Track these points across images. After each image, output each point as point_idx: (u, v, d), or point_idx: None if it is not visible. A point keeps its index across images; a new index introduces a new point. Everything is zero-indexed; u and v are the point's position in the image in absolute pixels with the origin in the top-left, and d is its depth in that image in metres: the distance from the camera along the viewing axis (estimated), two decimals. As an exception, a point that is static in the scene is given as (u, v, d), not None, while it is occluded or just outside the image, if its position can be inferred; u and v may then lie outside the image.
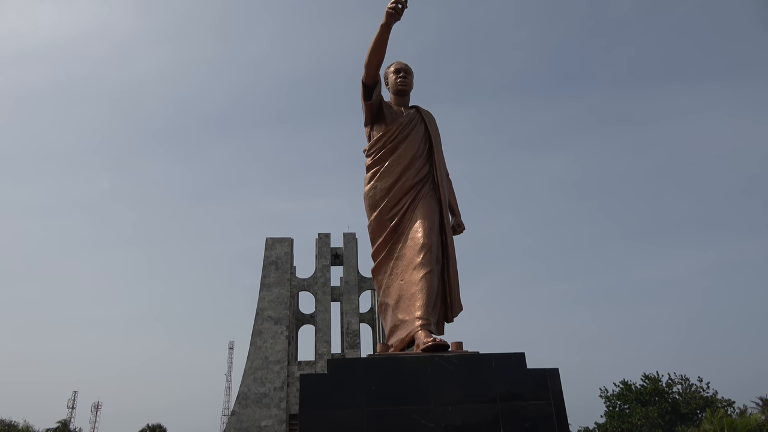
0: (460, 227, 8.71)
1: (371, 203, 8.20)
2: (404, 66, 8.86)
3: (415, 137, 8.43)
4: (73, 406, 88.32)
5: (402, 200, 8.09)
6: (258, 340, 51.80)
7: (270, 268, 54.96)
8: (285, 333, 52.24)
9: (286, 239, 56.41)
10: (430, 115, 8.84)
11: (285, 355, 51.38)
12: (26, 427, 59.60)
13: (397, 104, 8.75)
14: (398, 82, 8.73)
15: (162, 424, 78.55)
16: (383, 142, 8.32)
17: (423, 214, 7.94)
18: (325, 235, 57.98)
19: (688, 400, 56.59)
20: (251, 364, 50.81)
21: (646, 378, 60.06)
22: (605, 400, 61.78)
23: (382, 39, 7.79)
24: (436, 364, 6.54)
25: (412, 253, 7.65)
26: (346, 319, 54.79)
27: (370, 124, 8.58)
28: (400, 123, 8.41)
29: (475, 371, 6.61)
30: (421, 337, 6.98)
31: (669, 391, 58.73)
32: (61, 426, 69.28)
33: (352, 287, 56.15)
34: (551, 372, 6.83)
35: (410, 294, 7.44)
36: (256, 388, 49.80)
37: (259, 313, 53.01)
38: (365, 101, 8.34)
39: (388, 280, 7.86)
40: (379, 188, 8.15)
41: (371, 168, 8.37)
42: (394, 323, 7.63)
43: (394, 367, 6.56)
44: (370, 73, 8.05)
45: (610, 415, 60.20)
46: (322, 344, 53.06)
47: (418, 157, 8.35)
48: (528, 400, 6.59)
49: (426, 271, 7.44)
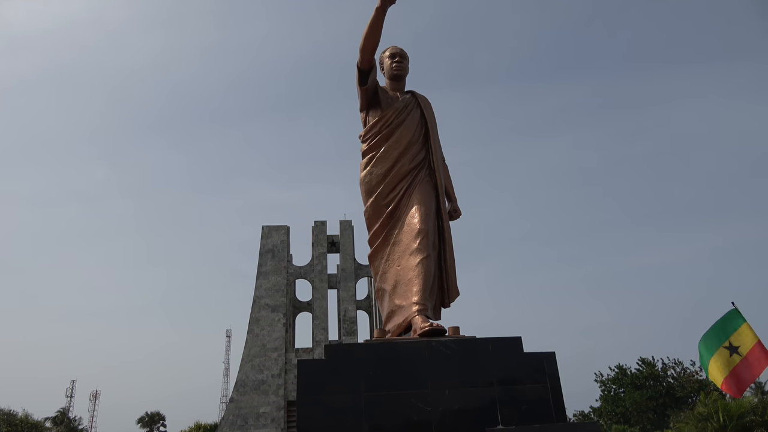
0: (457, 213, 8.68)
1: (367, 189, 8.16)
2: (399, 50, 8.77)
3: (411, 122, 8.36)
4: (71, 395, 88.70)
5: (398, 186, 8.05)
6: (255, 328, 51.93)
7: (266, 256, 54.93)
8: (282, 320, 52.37)
9: (282, 227, 56.34)
10: (426, 100, 8.78)
11: (282, 342, 51.54)
12: (25, 416, 59.79)
13: (393, 89, 8.68)
14: (393, 66, 8.65)
15: (161, 412, 79.10)
16: (379, 128, 8.26)
17: (419, 199, 7.90)
18: (322, 223, 57.92)
19: (682, 384, 57.18)
20: (249, 351, 50.99)
21: (642, 362, 60.65)
22: (600, 384, 62.42)
23: (377, 23, 7.70)
24: (433, 348, 6.55)
25: (409, 238, 7.63)
26: (343, 306, 54.94)
27: (365, 110, 8.51)
28: (395, 108, 8.34)
29: (472, 356, 6.63)
30: (418, 322, 6.98)
31: (664, 376, 59.33)
32: (60, 415, 69.54)
33: (349, 274, 56.23)
34: (548, 356, 6.86)
35: (407, 279, 7.43)
36: (254, 375, 50.02)
37: (256, 301, 53.08)
38: (360, 86, 8.27)
39: (384, 266, 7.85)
40: (375, 174, 8.10)
41: (367, 153, 8.32)
42: (391, 309, 7.63)
43: (391, 352, 6.58)
44: (365, 58, 7.97)
45: (605, 399, 60.86)
46: (319, 331, 53.25)
47: (414, 143, 8.30)
48: (525, 384, 6.62)
49: (423, 257, 7.42)
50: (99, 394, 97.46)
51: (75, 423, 71.51)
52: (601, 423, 56.23)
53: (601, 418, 59.44)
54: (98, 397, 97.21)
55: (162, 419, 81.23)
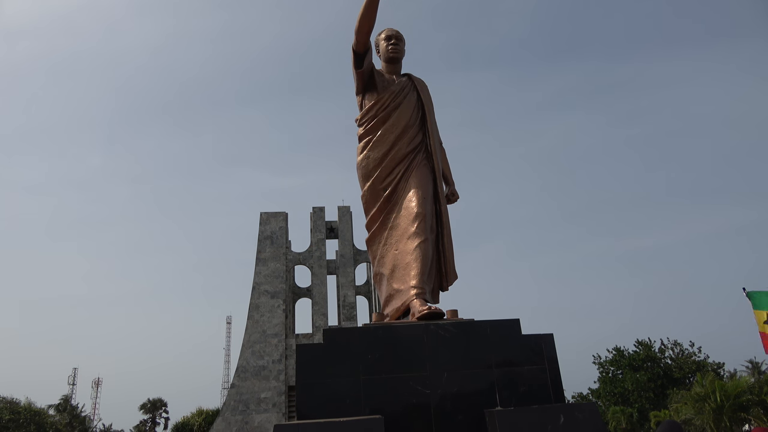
0: (455, 196, 8.65)
1: (364, 173, 8.11)
2: (395, 32, 8.66)
3: (407, 105, 8.29)
4: (73, 383, 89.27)
5: (395, 169, 8.00)
6: (255, 314, 52.17)
7: (265, 242, 55.01)
8: (282, 306, 52.59)
9: (280, 213, 56.33)
10: (422, 83, 8.69)
11: (282, 328, 51.82)
12: (28, 404, 60.22)
13: (389, 72, 8.58)
14: (389, 49, 8.55)
15: (162, 398, 79.63)
16: (375, 111, 8.19)
17: (417, 183, 7.86)
18: (320, 209, 57.93)
19: (680, 365, 57.69)
20: (249, 337, 51.27)
21: (639, 344, 61.10)
22: (598, 366, 62.96)
23: (372, 4, 7.59)
24: (431, 331, 6.56)
25: (407, 222, 7.61)
26: (343, 291, 55.14)
27: (361, 93, 8.43)
28: (392, 91, 8.26)
29: (470, 338, 6.64)
30: (417, 305, 6.98)
31: (661, 357, 59.83)
32: (63, 402, 70.02)
33: (348, 260, 56.36)
34: (546, 338, 6.88)
35: (405, 263, 7.43)
36: (254, 361, 50.35)
37: (255, 287, 53.25)
38: (356, 69, 8.16)
39: (382, 250, 7.83)
40: (372, 158, 8.05)
41: (364, 137, 8.25)
42: (389, 293, 7.63)
43: (389, 336, 6.58)
44: (360, 40, 7.87)
45: (603, 381, 61.42)
46: (318, 317, 53.50)
47: (411, 126, 8.24)
48: (523, 366, 6.64)
49: (420, 240, 7.41)
50: (101, 381, 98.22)
51: (78, 410, 72.05)
52: (599, 404, 56.83)
53: (599, 399, 60.05)
54: (100, 384, 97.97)
55: (164, 405, 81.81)
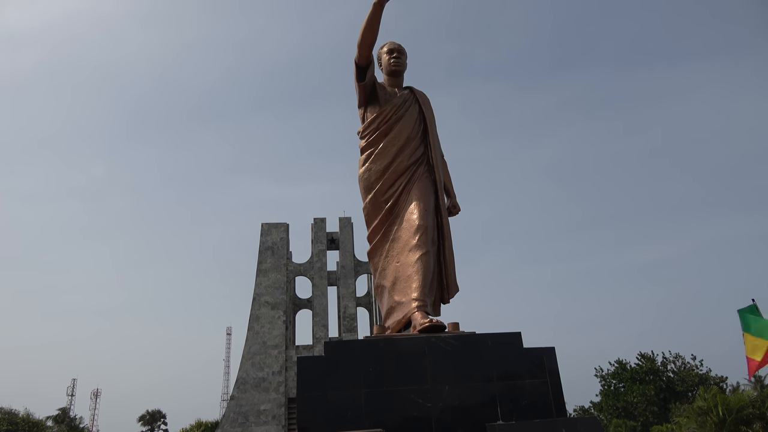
0: (456, 208, 8.67)
1: (366, 185, 8.15)
2: (397, 46, 8.75)
3: (409, 118, 8.35)
4: (72, 394, 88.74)
5: (397, 182, 8.04)
6: (255, 326, 51.99)
7: (266, 253, 54.95)
8: (282, 318, 52.42)
9: (281, 224, 56.32)
10: (424, 96, 8.75)
11: (283, 339, 51.60)
12: (27, 414, 59.86)
13: (391, 85, 8.65)
14: (392, 62, 8.62)
15: (161, 410, 79.24)
16: (377, 124, 8.25)
17: (418, 195, 7.89)
18: (321, 220, 57.94)
19: (683, 378, 57.30)
20: (249, 349, 51.05)
21: (642, 357, 60.76)
22: (600, 379, 62.54)
23: (374, 18, 7.66)
24: (432, 344, 6.55)
25: (408, 234, 7.62)
26: (343, 303, 54.98)
27: (363, 106, 8.49)
28: (394, 104, 8.32)
29: (471, 351, 6.63)
30: (418, 318, 6.98)
31: (664, 370, 59.45)
32: (61, 413, 69.62)
33: (349, 271, 56.26)
34: (547, 351, 6.86)
35: (406, 276, 7.43)
36: (254, 372, 50.09)
37: (256, 298, 53.12)
38: (359, 82, 8.23)
39: (384, 263, 7.84)
40: (373, 170, 8.09)
41: (365, 150, 8.30)
42: (390, 305, 7.62)
43: (391, 348, 6.57)
44: (363, 54, 7.94)
45: (605, 394, 60.98)
46: (319, 328, 53.30)
47: (413, 139, 8.29)
48: (524, 379, 6.62)
49: (422, 253, 7.42)
50: (100, 392, 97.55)
51: (76, 422, 71.61)
52: (601, 418, 56.38)
53: (601, 412, 59.58)
54: (99, 395, 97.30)
55: (163, 417, 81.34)
